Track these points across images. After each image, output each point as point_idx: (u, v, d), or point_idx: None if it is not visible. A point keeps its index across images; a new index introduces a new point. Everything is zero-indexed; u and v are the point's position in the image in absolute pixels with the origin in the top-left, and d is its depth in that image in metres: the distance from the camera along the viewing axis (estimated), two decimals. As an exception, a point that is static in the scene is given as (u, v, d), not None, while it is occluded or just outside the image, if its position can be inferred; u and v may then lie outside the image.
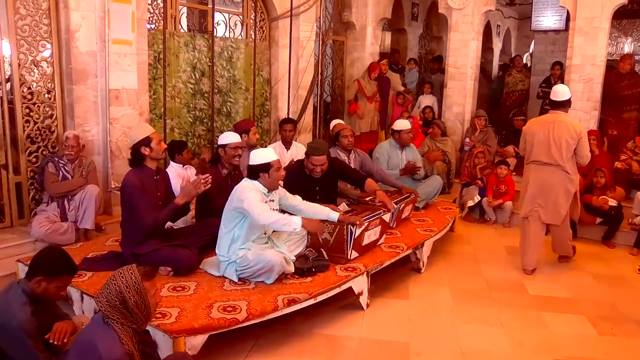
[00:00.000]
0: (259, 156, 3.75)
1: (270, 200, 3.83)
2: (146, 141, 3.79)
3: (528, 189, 4.93)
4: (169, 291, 3.49)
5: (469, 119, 7.99)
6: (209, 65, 6.42)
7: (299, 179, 4.64)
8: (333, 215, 4.07)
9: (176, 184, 4.38)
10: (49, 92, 4.96)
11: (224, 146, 4.53)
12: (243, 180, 3.85)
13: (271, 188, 3.81)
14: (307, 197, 4.27)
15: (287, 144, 5.94)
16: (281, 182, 4.03)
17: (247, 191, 3.65)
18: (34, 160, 4.91)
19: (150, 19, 5.73)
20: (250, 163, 3.77)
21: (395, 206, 4.88)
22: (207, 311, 3.22)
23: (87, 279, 3.63)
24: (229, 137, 4.58)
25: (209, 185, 3.89)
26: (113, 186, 5.19)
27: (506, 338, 3.77)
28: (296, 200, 4.06)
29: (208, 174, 3.93)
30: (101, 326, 2.18)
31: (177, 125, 6.20)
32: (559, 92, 4.84)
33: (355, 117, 8.18)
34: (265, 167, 3.71)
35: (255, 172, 3.73)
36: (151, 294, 2.25)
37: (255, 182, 3.75)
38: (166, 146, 4.02)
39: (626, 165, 6.40)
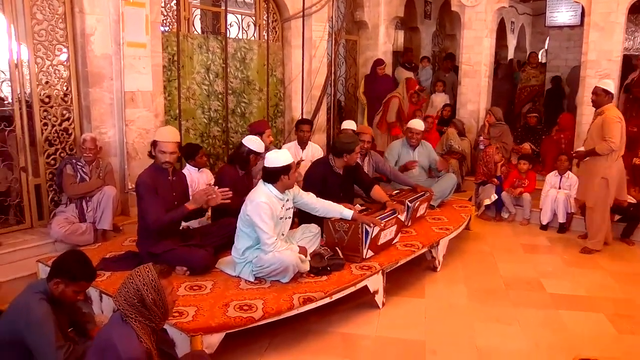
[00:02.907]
0: (279, 159, 3.72)
1: (286, 200, 3.84)
2: (154, 143, 3.86)
3: (627, 179, 5.52)
4: (186, 290, 3.52)
5: (483, 116, 7.94)
6: (223, 66, 6.45)
7: (325, 176, 4.65)
8: (347, 213, 4.09)
9: (193, 188, 4.45)
10: (65, 95, 5.03)
11: (258, 154, 4.57)
12: (258, 187, 3.80)
13: (288, 188, 3.83)
14: (331, 194, 4.35)
15: (303, 145, 5.95)
16: (300, 182, 4.05)
17: (262, 212, 3.60)
18: (52, 162, 4.98)
19: (164, 21, 5.79)
20: (269, 165, 3.71)
21: (410, 204, 4.88)
22: (224, 310, 3.24)
23: (106, 279, 3.68)
24: (262, 147, 4.65)
25: (228, 200, 3.92)
26: (130, 187, 5.24)
27: (523, 337, 3.74)
28: (310, 198, 4.08)
29: (227, 188, 3.95)
30: (120, 325, 2.21)
31: (192, 127, 6.24)
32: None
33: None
34: (287, 170, 3.71)
35: (276, 174, 3.70)
36: (168, 292, 2.27)
37: (270, 187, 3.73)
38: (169, 160, 3.86)
39: (644, 162, 6.31)
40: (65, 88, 5.02)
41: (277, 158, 3.73)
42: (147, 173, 3.83)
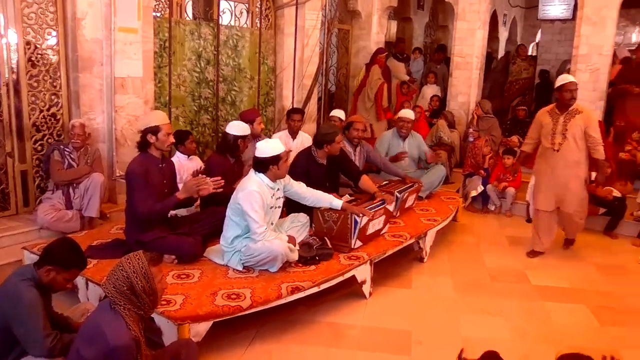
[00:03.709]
0: (268, 148, 3.71)
1: (277, 190, 3.85)
2: (155, 129, 3.80)
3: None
4: (174, 279, 3.52)
5: (473, 108, 7.98)
6: (214, 53, 6.41)
7: (308, 167, 4.65)
8: (336, 202, 4.10)
9: (181, 175, 4.43)
10: (54, 80, 4.97)
11: (244, 137, 4.58)
12: (250, 176, 3.80)
13: (279, 178, 3.82)
14: (316, 184, 4.32)
15: (294, 134, 5.94)
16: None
17: (253, 201, 3.60)
18: (39, 148, 4.94)
19: (156, 6, 5.73)
20: (259, 155, 3.72)
21: (399, 195, 4.91)
22: (212, 299, 3.25)
23: (92, 267, 3.66)
24: (246, 128, 4.69)
25: (221, 189, 3.91)
26: (118, 174, 5.22)
27: (508, 328, 3.80)
28: (301, 188, 4.09)
29: (219, 177, 3.93)
30: (108, 312, 2.21)
31: (182, 114, 6.21)
32: None
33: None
34: (276, 160, 3.71)
35: (265, 164, 3.71)
36: (158, 280, 2.28)
37: (261, 176, 3.74)
38: (174, 140, 3.99)
39: (631, 156, 6.39)
40: (54, 73, 4.96)
41: (266, 148, 3.72)
42: (138, 161, 3.80)
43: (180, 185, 4.05)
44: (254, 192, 3.62)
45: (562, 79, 4.82)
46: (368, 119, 7.80)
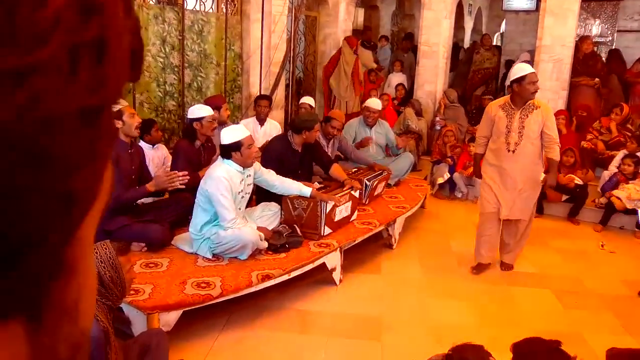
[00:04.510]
0: (229, 135, 3.66)
1: (247, 176, 3.81)
2: (118, 114, 3.70)
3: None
4: (142, 268, 3.45)
5: (440, 97, 8.05)
6: (179, 38, 6.27)
7: (283, 153, 4.62)
8: (305, 190, 4.09)
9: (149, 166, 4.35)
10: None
11: (199, 119, 4.46)
12: (217, 162, 3.75)
13: (245, 165, 3.76)
14: (289, 171, 4.32)
15: (262, 121, 5.88)
16: (258, 158, 4.00)
17: (222, 187, 3.56)
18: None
19: (118, -11, 5.55)
20: (222, 142, 3.69)
21: (368, 183, 4.93)
22: (181, 287, 3.20)
23: (56, 256, 3.56)
24: (203, 110, 4.49)
25: (183, 186, 3.86)
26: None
27: (475, 312, 3.86)
28: (271, 175, 4.05)
29: (186, 172, 3.87)
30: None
31: (147, 100, 6.06)
32: None
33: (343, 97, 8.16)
34: (237, 146, 3.65)
35: (227, 151, 3.66)
36: (126, 269, 2.22)
37: (229, 162, 3.68)
38: (140, 120, 3.89)
39: (592, 145, 6.57)
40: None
41: (226, 135, 3.67)
42: None
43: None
44: (221, 178, 3.57)
45: (523, 69, 4.15)
46: (348, 97, 7.88)
